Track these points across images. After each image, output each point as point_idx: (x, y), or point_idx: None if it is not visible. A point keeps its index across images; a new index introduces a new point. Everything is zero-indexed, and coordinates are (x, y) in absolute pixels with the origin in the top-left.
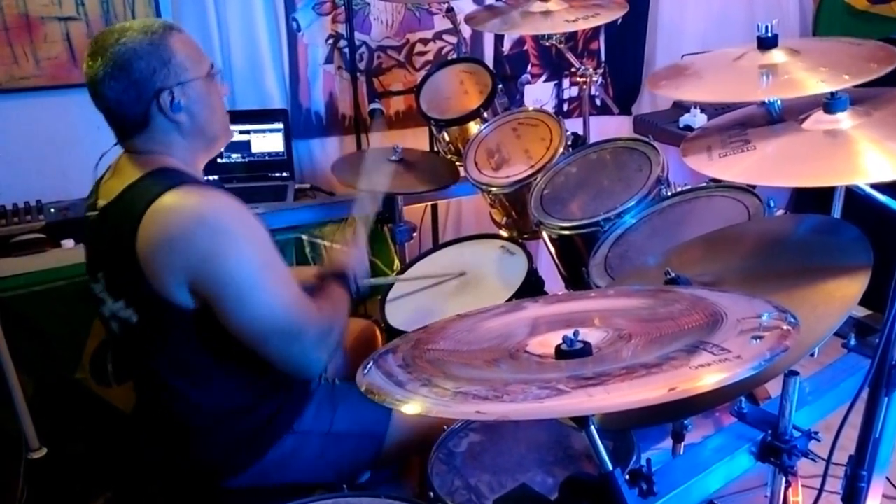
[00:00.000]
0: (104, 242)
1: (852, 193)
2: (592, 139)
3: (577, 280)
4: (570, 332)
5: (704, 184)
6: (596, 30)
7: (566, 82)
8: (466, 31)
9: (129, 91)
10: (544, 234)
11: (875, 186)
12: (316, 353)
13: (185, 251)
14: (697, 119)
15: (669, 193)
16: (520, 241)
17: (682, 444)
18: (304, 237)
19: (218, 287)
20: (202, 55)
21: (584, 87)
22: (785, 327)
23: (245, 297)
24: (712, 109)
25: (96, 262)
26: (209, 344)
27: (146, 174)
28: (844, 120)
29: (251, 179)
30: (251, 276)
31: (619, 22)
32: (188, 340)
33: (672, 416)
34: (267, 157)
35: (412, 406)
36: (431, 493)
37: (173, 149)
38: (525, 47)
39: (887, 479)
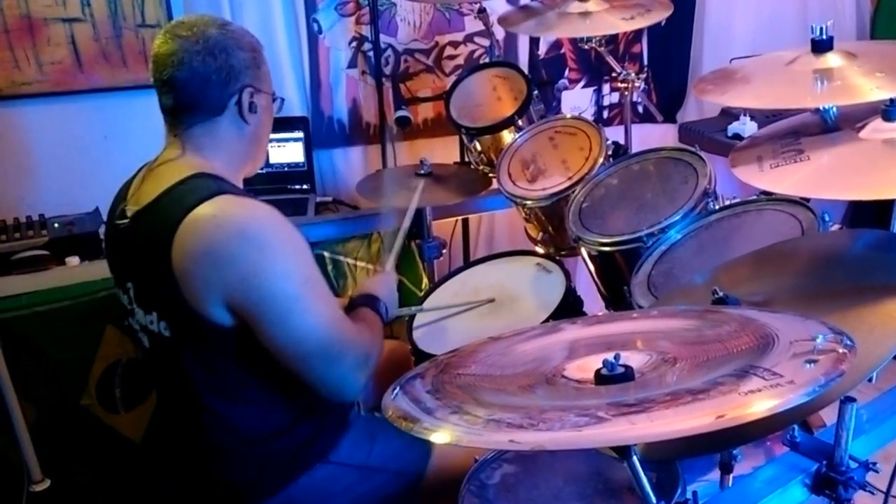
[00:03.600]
0: (135, 251)
1: None
2: (634, 149)
3: (618, 300)
4: (610, 356)
5: (754, 197)
6: (638, 32)
7: (606, 88)
8: (500, 33)
9: (221, 73)
10: (583, 251)
11: None
12: (355, 375)
13: (226, 267)
14: (747, 127)
15: (717, 207)
16: (557, 258)
17: (731, 475)
18: (326, 254)
19: (258, 305)
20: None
21: (626, 93)
22: (841, 350)
23: (286, 316)
24: (763, 117)
25: (125, 272)
26: (247, 361)
27: (184, 179)
28: None
29: (269, 192)
30: (293, 295)
31: (664, 23)
32: (225, 357)
33: (720, 445)
34: (286, 168)
35: (441, 435)
36: None
37: (224, 150)
38: (562, 50)
39: None
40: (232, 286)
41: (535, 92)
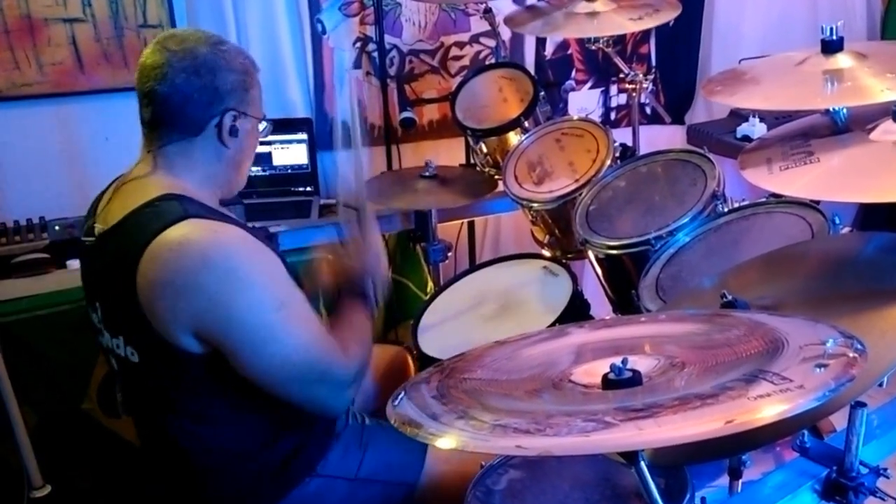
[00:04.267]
0: (101, 272)
1: None
2: (642, 151)
3: (625, 303)
4: (618, 360)
5: (764, 199)
6: (646, 32)
7: (614, 89)
8: (506, 33)
9: (204, 93)
10: (590, 254)
11: None
12: (341, 394)
13: (191, 296)
14: (756, 129)
15: (726, 210)
16: (563, 261)
17: (740, 481)
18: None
19: (228, 334)
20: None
21: (634, 94)
22: (851, 355)
23: (260, 345)
24: (772, 118)
25: (93, 292)
26: (220, 385)
27: (152, 200)
28: None
29: (272, 195)
30: (265, 322)
31: (672, 24)
32: (195, 384)
33: (729, 450)
34: (289, 171)
35: (447, 440)
36: None
37: (198, 170)
38: (569, 51)
39: None
40: (198, 316)
41: (542, 93)
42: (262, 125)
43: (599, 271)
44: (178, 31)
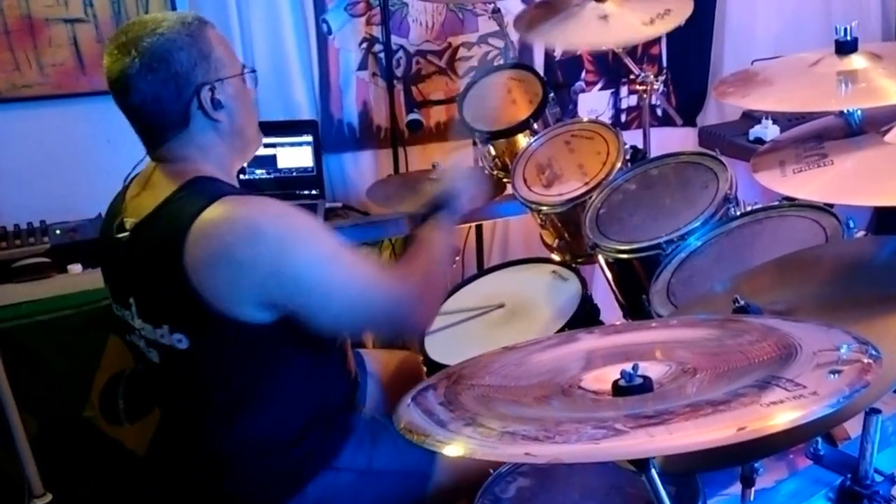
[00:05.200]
0: (138, 264)
1: None
2: (653, 153)
3: (636, 308)
4: (628, 366)
5: (777, 202)
6: None
7: (624, 90)
8: (514, 34)
9: (169, 85)
10: (600, 258)
11: None
12: (416, 314)
13: (249, 270)
14: (769, 131)
15: (738, 213)
16: (573, 265)
17: (753, 489)
18: None
19: (294, 297)
20: (234, 54)
21: (644, 95)
22: (866, 361)
23: (325, 298)
24: (785, 120)
25: (126, 287)
26: (270, 361)
27: (182, 185)
28: None
29: (277, 197)
30: (325, 276)
31: (683, 24)
32: (247, 359)
33: (741, 458)
34: (294, 173)
35: (455, 447)
36: None
37: (209, 153)
38: (579, 52)
39: None
40: (262, 286)
41: (551, 94)
42: (247, 74)
43: (609, 276)
44: (122, 27)
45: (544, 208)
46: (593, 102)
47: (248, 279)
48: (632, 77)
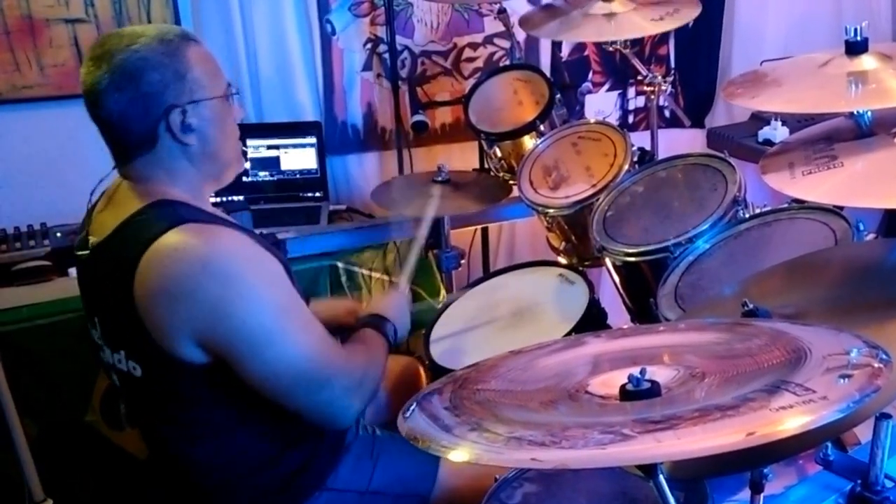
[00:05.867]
0: (98, 285)
1: None
2: (661, 155)
3: (643, 312)
4: (636, 371)
5: (786, 205)
6: (665, 33)
7: (632, 91)
8: (520, 34)
9: (136, 105)
10: (607, 261)
11: None
12: (347, 401)
13: (189, 303)
14: (778, 132)
15: (747, 216)
16: (580, 268)
17: (762, 495)
18: (340, 265)
19: (230, 341)
20: (220, 72)
21: (652, 96)
22: (876, 365)
23: (261, 349)
24: (795, 122)
25: (91, 306)
26: (224, 400)
27: (144, 207)
28: None
29: (281, 200)
30: (266, 326)
31: (691, 24)
32: (200, 397)
33: (750, 463)
34: (298, 176)
35: (460, 453)
36: None
37: (178, 176)
38: (586, 53)
39: None
40: (198, 322)
41: (558, 96)
42: (226, 97)
43: (617, 279)
44: (103, 36)
45: (551, 211)
46: (600, 104)
47: (185, 313)
48: (639, 78)
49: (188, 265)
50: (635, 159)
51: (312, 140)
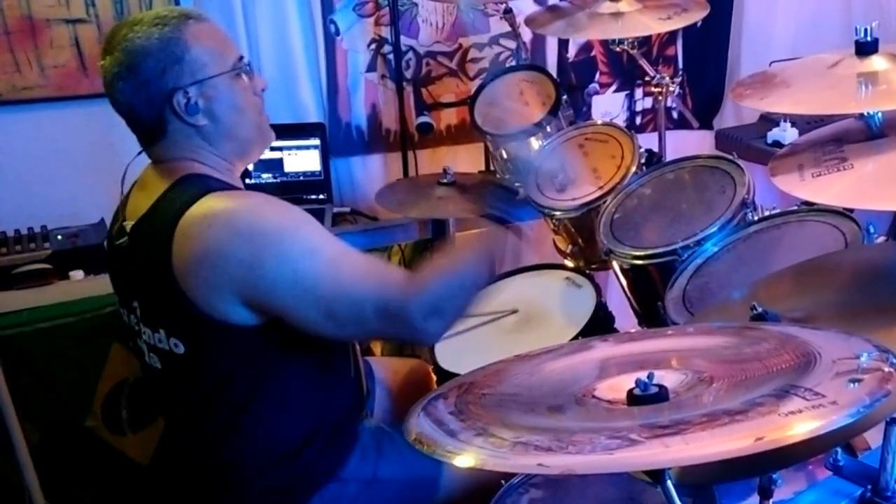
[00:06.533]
0: (136, 267)
1: None
2: (669, 156)
3: (651, 316)
4: (643, 375)
5: (795, 207)
6: (673, 33)
7: (639, 92)
8: (526, 34)
9: (140, 93)
10: (614, 264)
11: None
12: (426, 322)
13: (226, 265)
14: (787, 134)
15: (756, 218)
16: (587, 271)
17: (771, 500)
18: None
19: (272, 294)
20: (227, 46)
21: (660, 97)
22: (887, 369)
23: (302, 295)
24: (804, 123)
25: (129, 292)
26: (269, 365)
27: (172, 184)
28: None
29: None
30: (300, 272)
31: (699, 24)
32: (245, 363)
33: (759, 469)
34: (301, 178)
35: (466, 458)
36: None
37: (200, 155)
38: (593, 53)
39: None
40: (240, 283)
41: (564, 97)
42: (236, 71)
43: (624, 282)
44: (114, 27)
45: (557, 213)
46: (607, 105)
47: (226, 275)
48: (647, 79)
49: (218, 228)
50: (643, 161)
51: (316, 142)
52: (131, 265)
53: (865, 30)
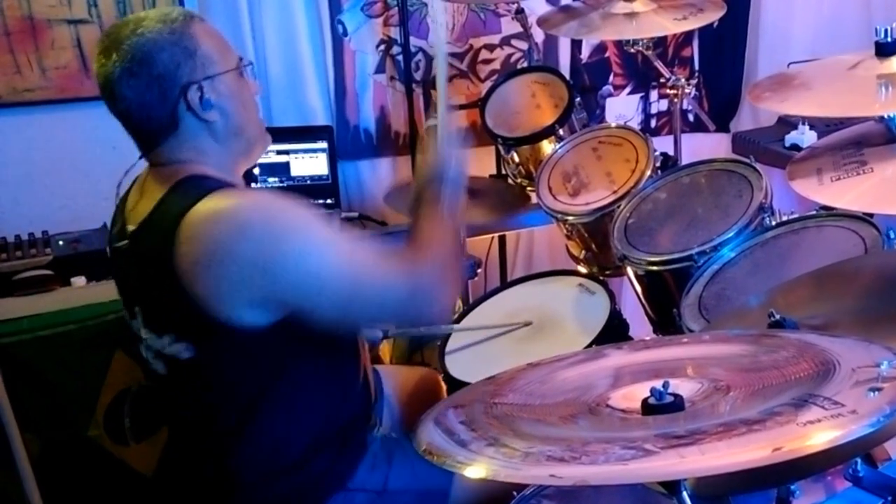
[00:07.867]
0: (138, 272)
1: None
2: (685, 160)
3: (666, 323)
4: (658, 384)
5: (814, 212)
6: (688, 34)
7: (654, 94)
8: (539, 35)
9: (152, 88)
10: (629, 271)
11: None
12: (433, 298)
13: (234, 265)
14: (806, 137)
15: (773, 223)
16: (601, 278)
17: None
18: None
19: (285, 291)
20: (229, 47)
21: (675, 100)
22: None
23: (316, 290)
24: (823, 126)
25: (132, 296)
26: (275, 372)
27: (175, 184)
28: None
29: None
30: (312, 267)
31: (716, 25)
32: (254, 366)
33: (777, 480)
34: (309, 182)
35: (477, 469)
36: None
37: (206, 154)
38: (606, 54)
39: None
40: (252, 282)
41: (578, 99)
42: (239, 70)
43: (639, 289)
44: (108, 28)
45: (570, 218)
46: (622, 107)
47: (236, 276)
48: (662, 80)
49: (224, 228)
50: (658, 165)
51: (323, 145)
52: (133, 269)
53: (886, 30)
